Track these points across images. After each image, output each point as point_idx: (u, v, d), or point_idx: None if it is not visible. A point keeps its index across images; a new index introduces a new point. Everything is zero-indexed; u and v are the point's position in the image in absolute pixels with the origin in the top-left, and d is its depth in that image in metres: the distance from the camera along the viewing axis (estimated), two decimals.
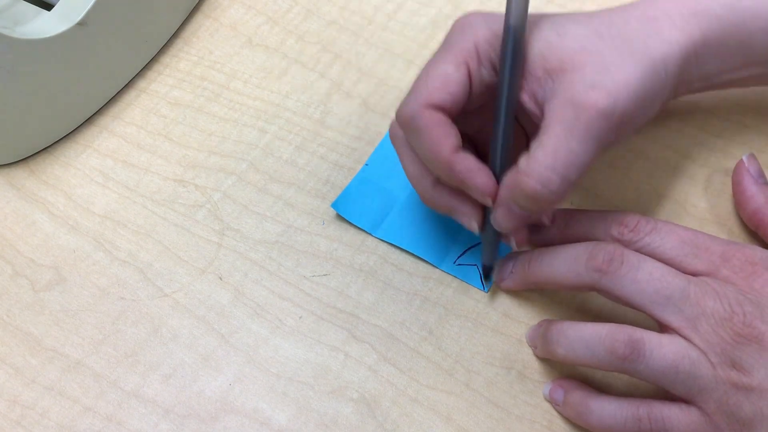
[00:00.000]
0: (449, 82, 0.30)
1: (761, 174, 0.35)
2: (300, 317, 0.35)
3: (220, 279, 0.37)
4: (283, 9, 0.46)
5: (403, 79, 0.42)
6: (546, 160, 0.29)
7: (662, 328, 0.29)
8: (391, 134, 0.34)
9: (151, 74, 0.44)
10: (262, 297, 0.36)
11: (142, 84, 0.44)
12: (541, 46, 0.30)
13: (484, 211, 0.33)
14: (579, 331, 0.30)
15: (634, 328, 0.29)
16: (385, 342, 0.34)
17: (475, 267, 0.36)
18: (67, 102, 0.41)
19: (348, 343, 0.35)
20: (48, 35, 0.37)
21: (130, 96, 0.44)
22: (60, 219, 0.39)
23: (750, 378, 0.27)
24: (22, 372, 0.35)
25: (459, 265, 0.36)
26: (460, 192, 0.32)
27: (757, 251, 0.29)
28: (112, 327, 0.36)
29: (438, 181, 0.33)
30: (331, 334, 0.35)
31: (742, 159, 0.36)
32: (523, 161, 0.30)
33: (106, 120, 0.43)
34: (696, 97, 0.40)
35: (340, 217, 0.38)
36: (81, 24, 0.39)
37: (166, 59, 0.45)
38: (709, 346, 0.27)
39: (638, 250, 0.30)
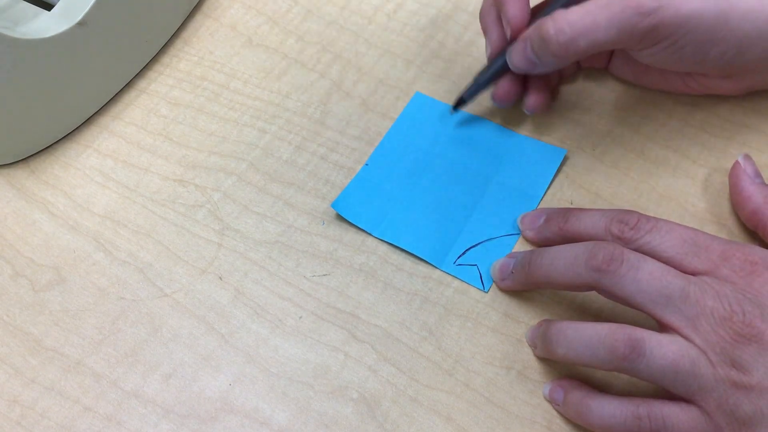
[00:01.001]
0: None
1: (758, 174, 0.35)
2: (300, 317, 0.35)
3: (220, 279, 0.37)
4: (283, 9, 0.46)
5: (403, 79, 0.42)
6: (572, 16, 0.32)
7: (662, 327, 0.29)
8: None
9: (151, 74, 0.44)
10: (262, 297, 0.36)
11: (142, 84, 0.44)
12: None
13: (502, 50, 0.37)
14: (579, 331, 0.30)
15: (634, 327, 0.29)
16: (385, 342, 0.34)
17: (476, 267, 0.36)
18: (67, 102, 0.41)
19: (348, 343, 0.35)
20: (48, 35, 0.37)
21: (130, 96, 0.44)
22: (60, 219, 0.39)
23: (750, 377, 0.27)
24: (22, 372, 0.35)
25: (459, 265, 0.36)
26: (500, 21, 0.37)
27: (757, 250, 0.29)
28: (112, 327, 0.36)
29: (494, 2, 0.37)
30: (331, 334, 0.35)
31: (737, 160, 0.36)
32: (560, 11, 0.33)
33: (106, 120, 0.43)
34: (696, 97, 0.40)
35: (340, 217, 0.38)
36: (81, 24, 0.39)
37: (166, 59, 0.45)
38: (709, 346, 0.27)
39: (638, 249, 0.30)
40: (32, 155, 0.42)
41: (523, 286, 0.34)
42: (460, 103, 0.39)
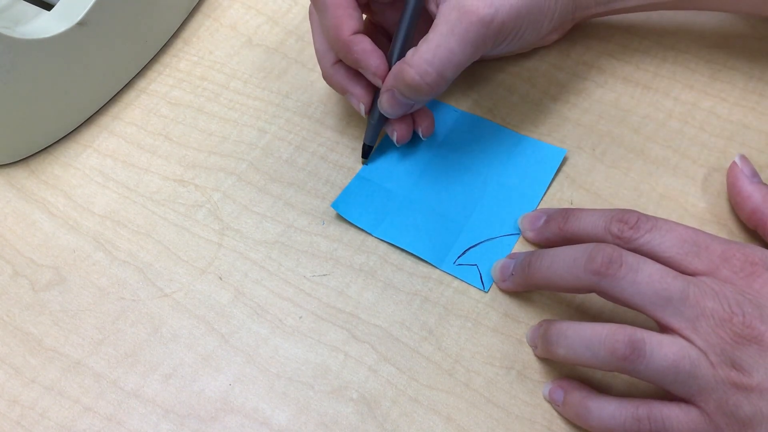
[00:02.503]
0: None
1: (755, 173, 0.35)
2: (300, 317, 0.35)
3: (220, 279, 0.37)
4: (283, 9, 0.46)
5: None
6: (426, 55, 0.33)
7: (662, 328, 0.29)
8: (309, 11, 0.38)
9: (151, 74, 0.44)
10: (262, 297, 0.36)
11: (142, 84, 0.44)
12: None
13: (373, 97, 0.37)
14: (579, 332, 0.30)
15: (635, 328, 0.29)
16: (385, 342, 0.34)
17: (476, 267, 0.36)
18: (67, 102, 0.41)
19: (348, 343, 0.35)
20: (48, 35, 0.37)
21: (130, 96, 0.44)
22: (60, 219, 0.39)
23: (749, 378, 0.27)
24: (22, 372, 0.35)
25: (459, 265, 0.36)
26: (355, 75, 0.37)
27: (757, 251, 0.29)
28: (112, 327, 0.36)
29: (338, 61, 0.37)
30: (331, 334, 0.35)
31: (734, 161, 0.36)
32: (410, 53, 0.34)
33: (106, 120, 0.43)
34: (696, 96, 0.40)
35: (340, 217, 0.38)
36: (81, 24, 0.39)
37: (166, 59, 0.45)
38: (709, 347, 0.27)
39: (638, 248, 0.30)
40: (32, 155, 0.42)
41: (523, 287, 0.34)
42: (367, 151, 0.39)
